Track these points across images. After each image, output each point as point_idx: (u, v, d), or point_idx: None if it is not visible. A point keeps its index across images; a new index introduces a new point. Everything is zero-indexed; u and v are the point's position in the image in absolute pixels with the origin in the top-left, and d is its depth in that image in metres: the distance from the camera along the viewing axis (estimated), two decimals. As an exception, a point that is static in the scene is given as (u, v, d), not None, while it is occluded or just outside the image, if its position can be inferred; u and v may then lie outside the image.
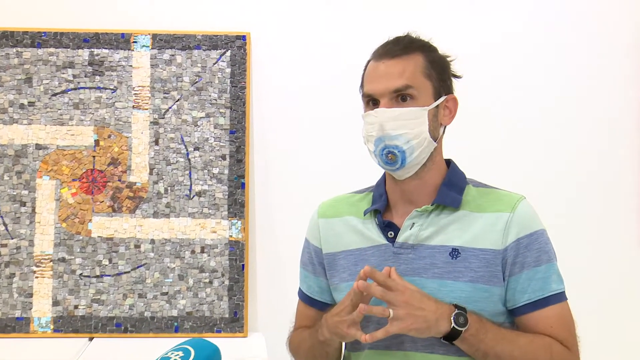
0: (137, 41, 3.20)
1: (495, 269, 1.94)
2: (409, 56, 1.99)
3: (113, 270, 3.15)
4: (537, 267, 1.95)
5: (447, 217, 1.99)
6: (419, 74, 1.98)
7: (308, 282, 2.22)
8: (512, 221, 1.95)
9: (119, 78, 3.19)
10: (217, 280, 3.16)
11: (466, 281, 1.94)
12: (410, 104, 1.96)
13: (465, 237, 1.97)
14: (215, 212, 3.17)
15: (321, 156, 3.29)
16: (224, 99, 3.21)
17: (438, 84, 2.00)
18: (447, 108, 2.03)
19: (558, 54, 3.33)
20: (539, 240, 1.97)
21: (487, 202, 2.01)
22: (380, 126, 1.95)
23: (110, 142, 3.18)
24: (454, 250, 1.96)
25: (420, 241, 1.99)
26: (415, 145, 1.95)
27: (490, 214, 1.98)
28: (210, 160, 3.19)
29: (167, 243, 3.17)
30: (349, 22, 3.29)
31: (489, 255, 1.95)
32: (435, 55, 2.04)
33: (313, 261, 2.19)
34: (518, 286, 1.96)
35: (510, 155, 3.31)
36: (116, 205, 3.17)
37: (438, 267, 1.96)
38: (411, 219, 2.01)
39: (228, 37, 3.22)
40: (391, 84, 1.96)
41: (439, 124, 2.01)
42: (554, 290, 1.97)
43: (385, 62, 1.99)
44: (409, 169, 1.99)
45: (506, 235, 1.95)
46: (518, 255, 1.95)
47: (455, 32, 3.27)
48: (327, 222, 2.16)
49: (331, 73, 3.28)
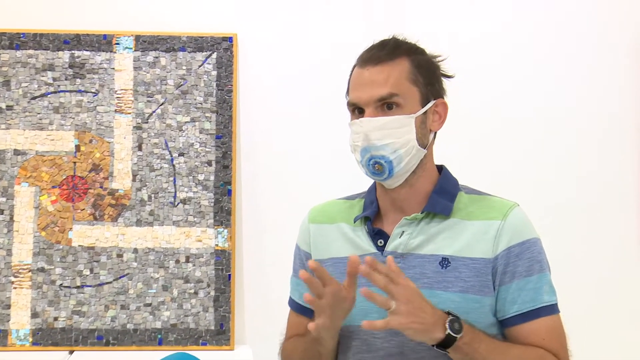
0: (119, 43, 3.20)
1: (486, 278, 1.93)
2: (394, 62, 1.97)
3: (94, 280, 3.14)
4: (529, 277, 1.93)
5: (437, 226, 1.98)
6: (405, 80, 1.96)
7: (300, 290, 2.19)
8: (503, 229, 1.94)
9: (101, 81, 3.19)
10: (202, 291, 3.15)
11: (456, 291, 1.92)
12: (395, 112, 1.94)
13: (456, 246, 1.96)
14: (201, 220, 3.16)
15: (311, 162, 3.28)
16: (209, 103, 3.20)
17: (425, 89, 1.99)
18: (436, 113, 2.02)
19: (554, 52, 3.33)
20: (531, 249, 1.95)
21: (478, 209, 1.99)
22: (365, 136, 1.93)
23: (92, 147, 3.17)
24: (444, 260, 1.95)
25: (409, 250, 1.97)
26: (403, 154, 1.94)
27: (482, 222, 1.96)
28: (196, 166, 3.18)
29: (151, 252, 3.16)
30: (341, 22, 3.29)
31: (480, 264, 1.93)
32: (422, 59, 2.02)
33: (304, 268, 2.15)
34: (508, 296, 1.94)
35: (505, 157, 3.31)
36: (98, 213, 3.15)
37: (428, 276, 1.94)
38: (400, 227, 1.99)
39: (214, 38, 3.22)
40: (375, 93, 1.94)
41: (427, 130, 2.00)
42: (546, 301, 1.94)
43: (369, 68, 1.97)
44: (398, 177, 1.98)
45: (497, 244, 1.93)
46: (509, 264, 1.93)
47: (448, 30, 3.27)
48: (318, 227, 2.15)
49: (322, 76, 3.27)
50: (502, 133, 3.30)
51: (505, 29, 3.33)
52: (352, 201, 2.16)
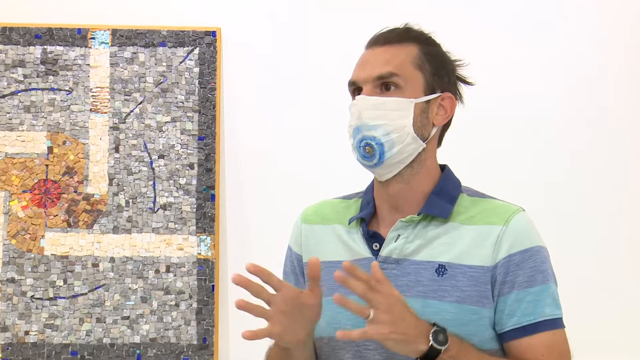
0: (95, 37, 3.20)
1: (485, 288, 1.89)
2: (401, 45, 1.97)
3: (68, 292, 3.13)
4: (529, 288, 1.90)
5: (435, 230, 1.95)
6: (409, 64, 1.95)
7: None
8: (505, 235, 1.91)
9: (75, 78, 3.19)
10: (184, 302, 3.15)
11: (452, 301, 1.88)
12: (394, 94, 1.93)
13: (454, 252, 1.92)
14: (182, 227, 3.17)
15: (300, 165, 3.27)
16: (191, 102, 3.20)
17: (431, 78, 1.97)
18: (441, 107, 1.99)
19: (564, 52, 3.33)
20: (534, 258, 1.91)
21: (479, 213, 1.96)
22: (358, 114, 1.93)
23: (65, 149, 3.17)
24: (441, 267, 1.91)
25: (405, 255, 1.94)
26: (395, 140, 1.91)
27: (482, 227, 1.93)
28: (177, 169, 3.18)
29: (129, 261, 3.15)
30: (333, 16, 3.29)
31: (478, 272, 1.89)
32: (432, 49, 2.01)
33: (295, 271, 2.14)
34: (506, 308, 1.90)
35: (511, 160, 3.30)
36: (72, 220, 3.15)
37: (423, 284, 1.91)
38: (396, 231, 1.96)
39: (196, 32, 3.22)
40: (374, 71, 1.94)
41: (429, 122, 1.97)
42: (547, 315, 1.90)
43: (375, 49, 1.98)
44: (390, 167, 1.94)
45: (497, 251, 1.90)
46: (509, 273, 1.89)
47: (450, 29, 3.20)
48: (311, 228, 2.12)
49: (311, 72, 3.28)
50: (508, 135, 3.30)
51: (511, 29, 3.33)
52: (349, 201, 2.13)
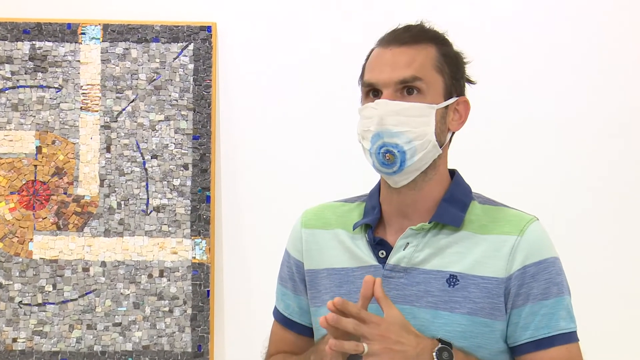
0: (85, 32, 3.19)
1: (498, 300, 1.90)
2: (419, 45, 1.96)
3: (58, 297, 3.13)
4: (544, 300, 1.90)
5: (446, 238, 1.95)
6: (430, 67, 1.95)
7: (286, 301, 2.17)
8: (519, 246, 1.92)
9: (65, 75, 3.18)
10: (178, 308, 3.14)
11: (464, 313, 1.89)
12: (416, 99, 1.92)
13: (466, 262, 1.93)
14: (176, 230, 3.16)
15: (299, 166, 3.26)
16: (186, 100, 3.19)
17: (450, 82, 1.98)
18: (457, 112, 2.00)
19: (570, 48, 3.31)
20: (549, 269, 1.92)
21: (492, 222, 1.97)
22: (380, 120, 1.90)
23: (55, 149, 3.16)
24: (452, 277, 1.92)
25: (414, 264, 1.94)
26: (418, 147, 1.91)
27: (495, 237, 1.93)
28: (171, 170, 3.18)
29: (121, 266, 3.15)
30: (333, 9, 3.28)
31: (491, 284, 1.90)
32: (449, 50, 2.02)
33: (294, 277, 2.14)
34: (520, 321, 1.91)
35: (519, 163, 3.29)
36: (61, 222, 3.15)
37: (433, 295, 1.91)
38: (405, 238, 1.96)
39: (191, 27, 3.21)
40: (397, 74, 1.92)
41: (446, 127, 1.98)
42: (562, 329, 1.91)
43: (392, 49, 1.96)
44: (408, 174, 1.94)
45: (511, 262, 1.90)
46: (523, 285, 1.90)
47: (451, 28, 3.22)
48: (312, 233, 2.12)
49: (311, 69, 3.26)
50: (515, 137, 3.29)
51: (516, 25, 3.32)
52: (351, 204, 2.13)
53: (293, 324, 2.16)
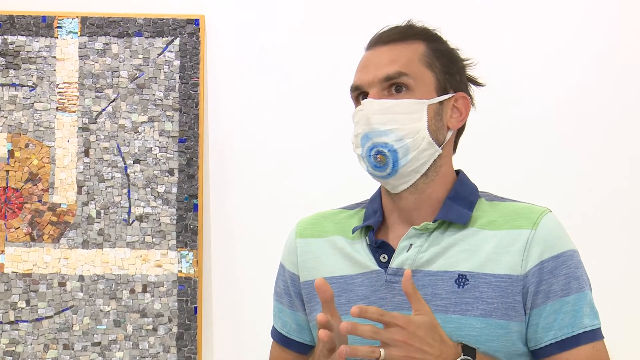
0: (61, 26, 3.20)
1: (514, 299, 1.91)
2: (406, 42, 2.01)
3: (31, 314, 3.13)
4: (566, 297, 1.92)
5: (452, 236, 1.98)
6: (417, 62, 1.99)
7: (283, 318, 2.19)
8: (534, 240, 1.93)
9: (39, 72, 3.19)
10: (162, 327, 3.14)
11: (477, 315, 1.91)
12: (404, 96, 1.96)
13: (475, 260, 1.94)
14: (161, 242, 3.16)
15: (296, 171, 3.26)
16: (171, 99, 3.19)
17: (443, 77, 2.01)
18: (455, 109, 2.03)
19: (582, 46, 3.31)
20: (568, 263, 1.93)
21: (502, 216, 1.99)
22: (366, 120, 1.95)
23: (28, 152, 3.17)
24: (461, 277, 1.93)
25: (419, 266, 1.96)
26: (410, 145, 1.94)
27: (507, 232, 1.95)
28: (155, 175, 3.18)
29: (100, 280, 3.14)
30: (326, 4, 3.28)
31: (506, 282, 1.91)
32: (440, 45, 2.05)
33: (289, 291, 2.17)
34: (541, 321, 1.93)
35: (526, 160, 3.27)
36: (35, 233, 3.15)
37: (441, 298, 1.93)
38: (408, 239, 1.98)
39: (177, 21, 3.21)
40: (381, 71, 1.97)
41: (444, 125, 2.01)
42: (587, 326, 1.92)
43: (377, 48, 2.02)
44: (404, 177, 1.97)
45: (527, 258, 1.92)
46: (542, 282, 1.92)
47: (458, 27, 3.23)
48: (307, 242, 2.14)
49: (306, 67, 3.26)
50: (520, 134, 3.29)
51: (522, 23, 3.32)
52: (350, 211, 2.16)
53: (291, 343, 2.18)
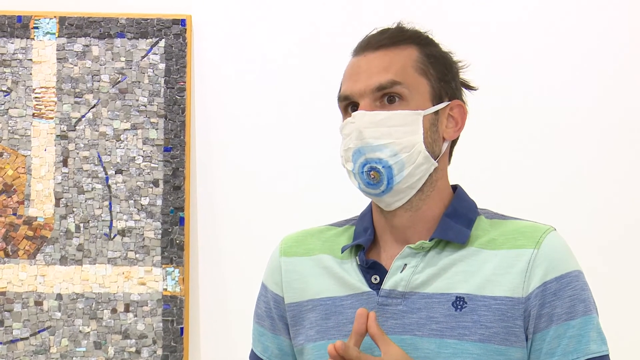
0: (38, 26, 3.23)
1: (514, 323, 1.88)
2: (397, 47, 1.98)
3: (5, 336, 3.15)
4: (570, 320, 1.89)
5: (449, 256, 1.94)
6: (411, 69, 1.96)
7: (264, 342, 2.15)
8: (537, 260, 1.91)
9: (14, 76, 3.21)
10: (146, 349, 3.15)
11: (475, 340, 1.88)
12: (399, 107, 1.93)
13: (474, 281, 1.91)
14: (145, 258, 3.18)
15: (288, 184, 3.27)
16: (156, 105, 3.21)
17: (438, 85, 1.98)
18: (451, 118, 2.01)
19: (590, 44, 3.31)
20: (573, 284, 1.91)
21: (503, 235, 1.96)
22: (358, 134, 1.92)
23: (3, 162, 3.20)
24: (459, 299, 1.91)
25: (413, 288, 1.92)
26: (405, 160, 1.91)
27: (507, 251, 1.93)
28: (138, 187, 3.20)
29: (79, 299, 3.16)
30: (321, 3, 3.30)
31: (506, 305, 1.89)
32: (434, 50, 2.02)
33: (271, 314, 2.12)
34: (544, 346, 1.90)
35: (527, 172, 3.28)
36: (10, 248, 3.17)
37: (437, 321, 1.90)
38: (402, 259, 1.95)
39: (162, 21, 3.24)
40: (373, 80, 1.93)
41: (440, 137, 1.99)
42: (594, 352, 1.89)
43: (367, 55, 1.98)
44: (399, 194, 1.94)
45: (529, 279, 1.89)
46: (545, 304, 1.89)
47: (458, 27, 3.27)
48: (292, 261, 2.11)
49: (300, 71, 3.28)
50: (514, 146, 3.30)
51: (523, 22, 3.33)
52: (338, 229, 2.12)
53: None
